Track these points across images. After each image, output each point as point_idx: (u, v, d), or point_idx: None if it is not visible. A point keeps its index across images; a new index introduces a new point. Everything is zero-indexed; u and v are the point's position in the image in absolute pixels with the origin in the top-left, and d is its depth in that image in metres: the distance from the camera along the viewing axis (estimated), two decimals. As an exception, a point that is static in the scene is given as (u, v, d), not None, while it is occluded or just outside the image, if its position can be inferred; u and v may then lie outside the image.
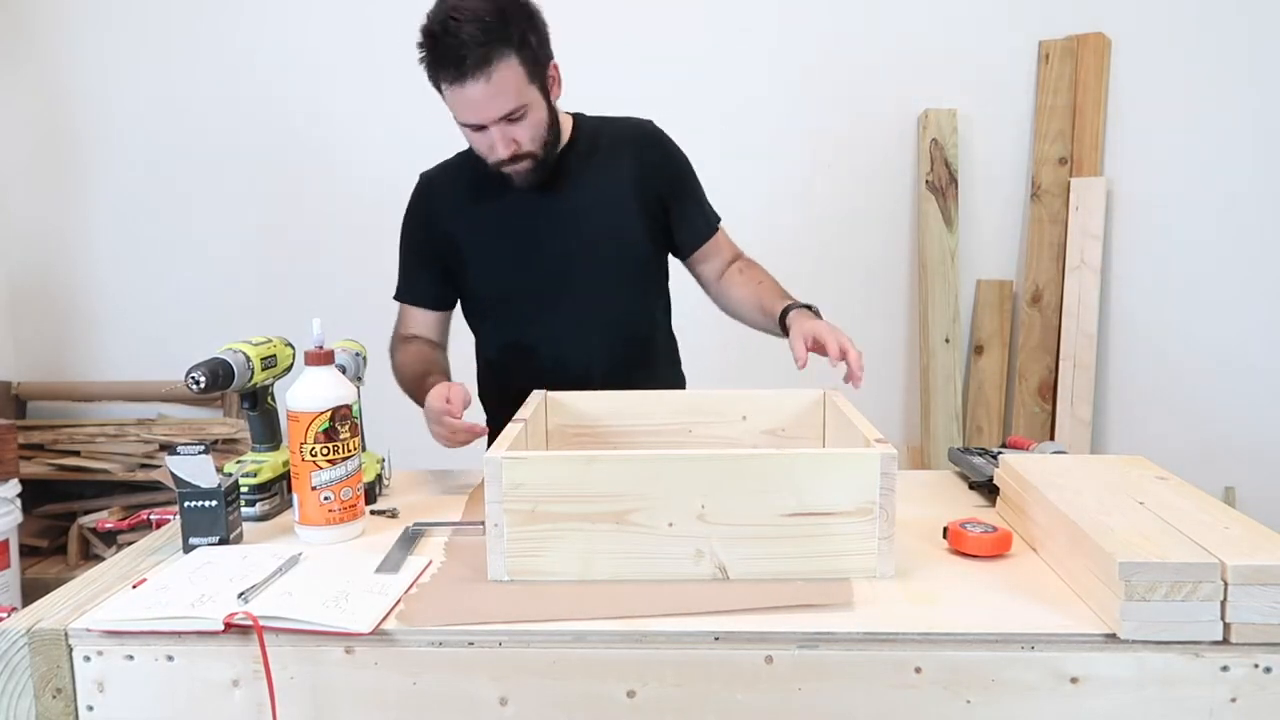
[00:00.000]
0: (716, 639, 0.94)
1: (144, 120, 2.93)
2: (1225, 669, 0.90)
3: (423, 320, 1.69)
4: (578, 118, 1.63)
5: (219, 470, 1.21)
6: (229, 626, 0.94)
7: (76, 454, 2.83)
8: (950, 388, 2.82)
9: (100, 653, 0.96)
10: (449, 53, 1.38)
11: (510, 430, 1.18)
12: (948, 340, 2.81)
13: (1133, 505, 1.07)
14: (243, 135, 2.92)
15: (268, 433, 1.36)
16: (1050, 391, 2.81)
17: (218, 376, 1.23)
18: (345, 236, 2.93)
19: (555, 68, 1.52)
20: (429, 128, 2.85)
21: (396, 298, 1.72)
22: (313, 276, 2.94)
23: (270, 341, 1.35)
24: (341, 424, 1.19)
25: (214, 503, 1.17)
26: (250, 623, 0.94)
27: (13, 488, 2.53)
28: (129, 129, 2.94)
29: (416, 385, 1.52)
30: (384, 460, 1.43)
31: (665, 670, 0.94)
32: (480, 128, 1.46)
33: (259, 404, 1.35)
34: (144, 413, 2.99)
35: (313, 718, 0.96)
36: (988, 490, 1.35)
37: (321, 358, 1.21)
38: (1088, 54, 2.73)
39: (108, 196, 2.98)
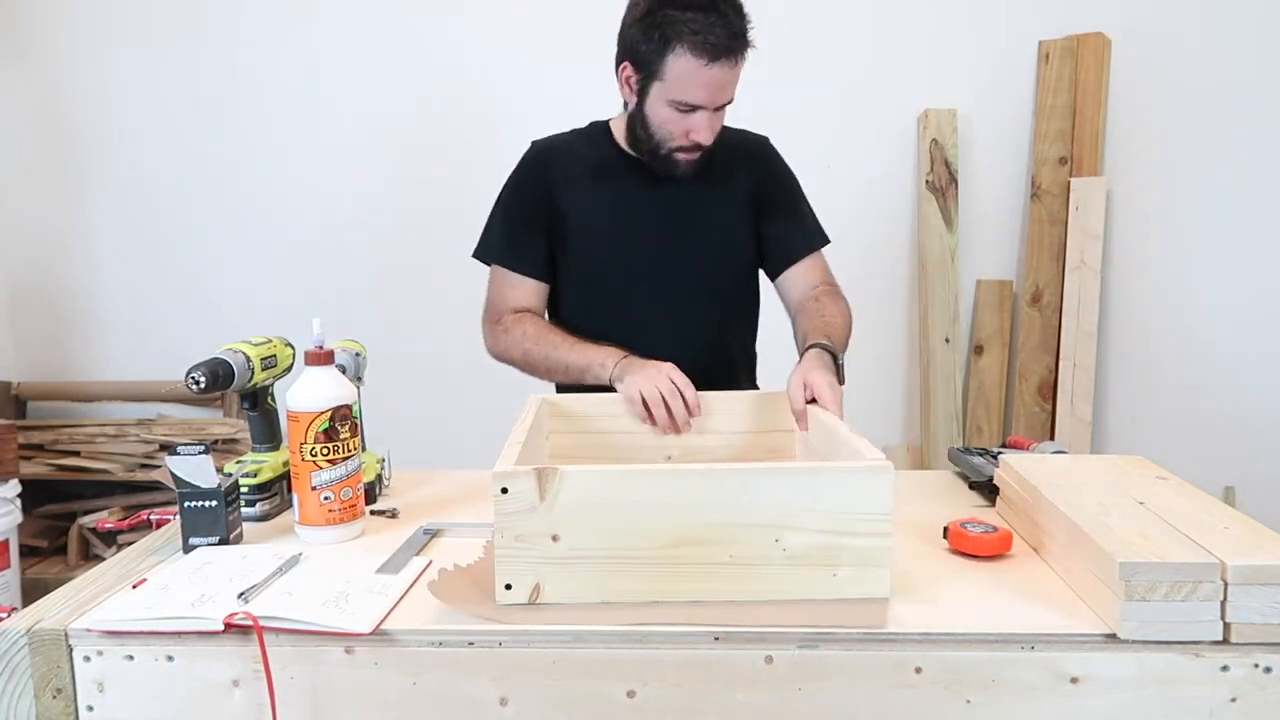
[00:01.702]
0: (716, 639, 0.94)
1: (144, 120, 2.93)
2: (1225, 669, 0.90)
3: (530, 293, 1.61)
4: None
5: (219, 470, 1.21)
6: (229, 626, 0.94)
7: (76, 454, 2.83)
8: (950, 388, 2.82)
9: (100, 653, 0.96)
10: (720, 30, 1.39)
11: (510, 452, 1.11)
12: (948, 340, 2.81)
13: (1133, 505, 1.07)
14: (242, 135, 2.91)
15: (268, 433, 1.36)
16: (1050, 391, 2.81)
17: (218, 376, 1.23)
18: (345, 236, 2.93)
19: None
20: (429, 129, 2.87)
21: (500, 262, 1.63)
22: (313, 276, 2.94)
23: (270, 341, 1.35)
24: (341, 424, 1.20)
25: (214, 503, 1.17)
26: (250, 623, 0.94)
27: (13, 488, 2.53)
28: (129, 129, 2.94)
29: (566, 350, 1.50)
30: (384, 460, 1.43)
31: (665, 670, 0.94)
32: (693, 110, 1.46)
33: (259, 404, 1.35)
34: (144, 413, 2.99)
35: (313, 718, 0.96)
36: (988, 490, 1.35)
37: (321, 358, 1.21)
38: (1088, 54, 2.73)
39: (108, 196, 2.98)
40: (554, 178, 1.61)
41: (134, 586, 1.05)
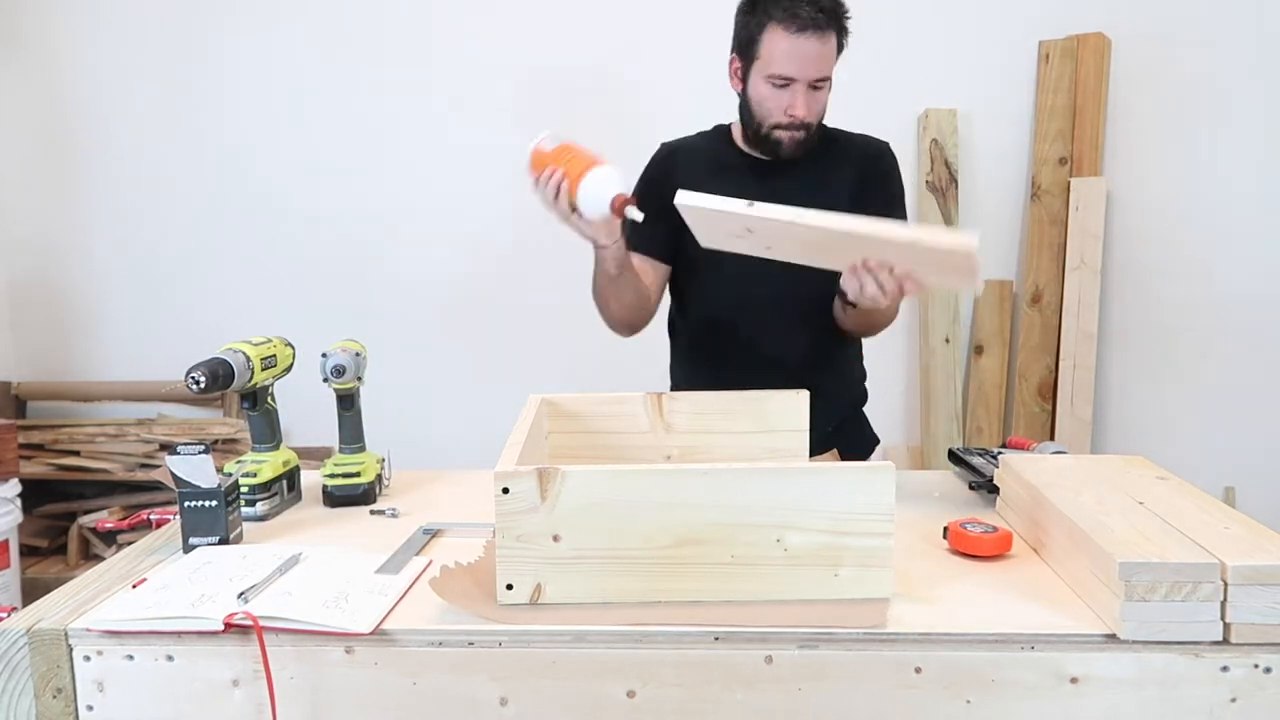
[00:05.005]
0: (716, 639, 0.94)
1: (143, 120, 2.93)
2: (1225, 669, 0.90)
3: (648, 273, 1.74)
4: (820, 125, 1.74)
5: (219, 470, 1.21)
6: (229, 626, 0.94)
7: (76, 454, 2.83)
8: (950, 388, 2.82)
9: (100, 653, 0.96)
10: (807, 6, 1.54)
11: (511, 453, 1.12)
12: (948, 340, 2.81)
13: (1133, 505, 1.07)
14: (241, 135, 2.91)
15: (268, 433, 1.36)
16: (1050, 391, 2.81)
17: (218, 376, 1.23)
18: (345, 236, 2.93)
19: None
20: (426, 128, 2.87)
21: (629, 246, 1.75)
22: (313, 276, 2.94)
23: (270, 341, 1.35)
24: None
25: (214, 503, 1.17)
26: (250, 623, 0.94)
27: (13, 488, 2.53)
28: (128, 130, 2.94)
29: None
30: (384, 460, 1.43)
31: (665, 670, 0.94)
32: (787, 84, 1.57)
33: (259, 404, 1.35)
34: (144, 413, 2.99)
35: (313, 718, 0.96)
36: (988, 490, 1.35)
37: None
38: (1088, 54, 2.73)
39: (107, 197, 2.98)
40: (679, 172, 1.70)
41: (134, 586, 1.05)
